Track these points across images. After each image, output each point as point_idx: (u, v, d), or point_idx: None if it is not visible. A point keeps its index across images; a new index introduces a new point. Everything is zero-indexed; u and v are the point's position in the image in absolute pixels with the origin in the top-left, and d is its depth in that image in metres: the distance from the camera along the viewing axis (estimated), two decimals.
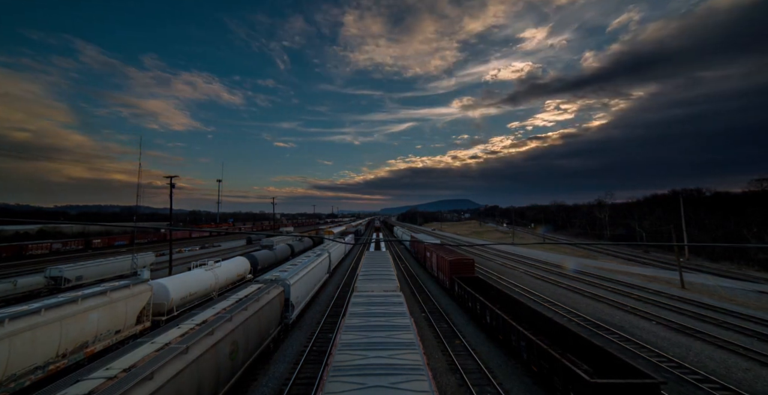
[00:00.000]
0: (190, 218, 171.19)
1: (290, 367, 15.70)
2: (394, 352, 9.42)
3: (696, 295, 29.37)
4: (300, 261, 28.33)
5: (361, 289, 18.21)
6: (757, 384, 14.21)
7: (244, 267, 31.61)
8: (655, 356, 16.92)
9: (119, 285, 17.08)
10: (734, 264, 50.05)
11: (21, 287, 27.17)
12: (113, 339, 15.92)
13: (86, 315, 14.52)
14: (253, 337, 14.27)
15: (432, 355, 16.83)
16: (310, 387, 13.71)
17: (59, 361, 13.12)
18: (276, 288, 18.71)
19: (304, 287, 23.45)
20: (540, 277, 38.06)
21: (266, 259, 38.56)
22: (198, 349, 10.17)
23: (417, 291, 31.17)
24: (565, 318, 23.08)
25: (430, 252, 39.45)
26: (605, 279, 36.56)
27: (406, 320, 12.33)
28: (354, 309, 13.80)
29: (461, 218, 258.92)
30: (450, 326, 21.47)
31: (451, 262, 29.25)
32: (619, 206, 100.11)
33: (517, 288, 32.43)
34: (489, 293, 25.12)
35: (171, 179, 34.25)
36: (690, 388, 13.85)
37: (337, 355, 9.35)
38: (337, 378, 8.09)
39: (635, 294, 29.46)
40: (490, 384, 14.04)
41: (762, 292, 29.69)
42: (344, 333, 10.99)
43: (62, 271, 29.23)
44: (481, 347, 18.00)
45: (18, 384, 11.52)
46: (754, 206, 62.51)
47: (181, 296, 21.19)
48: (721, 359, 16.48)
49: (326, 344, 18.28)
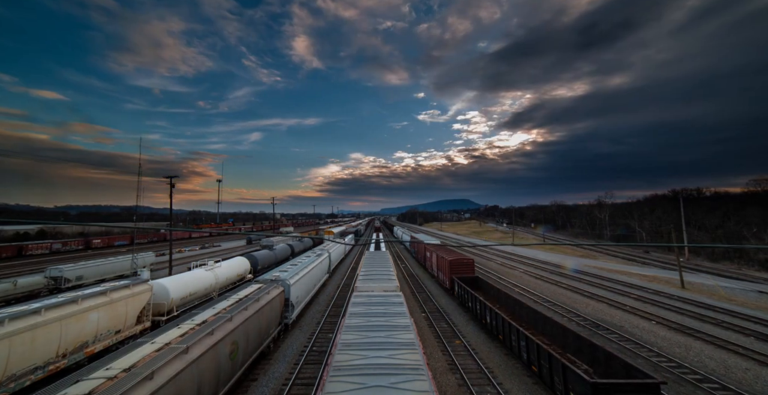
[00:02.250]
0: (190, 218, 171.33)
1: (290, 367, 15.71)
2: (394, 352, 9.43)
3: (696, 295, 29.40)
4: (300, 261, 28.33)
5: (361, 289, 18.22)
6: (756, 383, 14.23)
7: (244, 267, 31.62)
8: (655, 356, 16.94)
9: (119, 285, 17.09)
10: (734, 264, 50.11)
11: (21, 288, 27.19)
12: (113, 339, 15.93)
13: (86, 315, 14.53)
14: (253, 337, 14.27)
15: (432, 355, 16.84)
16: (310, 388, 13.72)
17: (59, 361, 13.13)
18: (276, 288, 18.73)
19: (304, 288, 23.47)
20: (540, 277, 38.07)
21: (266, 259, 38.56)
22: (198, 349, 10.18)
23: (417, 291, 31.18)
24: (565, 317, 23.10)
25: (430, 252, 39.46)
26: (605, 279, 36.58)
27: (406, 320, 12.33)
28: (354, 308, 13.80)
29: (461, 218, 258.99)
30: (450, 326, 21.48)
31: (450, 262, 29.26)
32: (619, 206, 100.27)
33: (517, 288, 32.45)
34: (489, 293, 25.14)
35: (171, 179, 34.25)
36: (690, 388, 13.86)
37: (337, 355, 9.36)
38: (337, 378, 8.10)
39: (635, 294, 29.48)
40: (490, 384, 14.05)
41: (762, 292, 29.70)
42: (344, 333, 11.00)
43: (62, 271, 29.24)
44: (481, 347, 18.01)
45: (18, 384, 11.53)
46: (754, 206, 62.60)
47: (181, 296, 21.19)
48: (720, 359, 16.49)
49: (326, 344, 18.29)
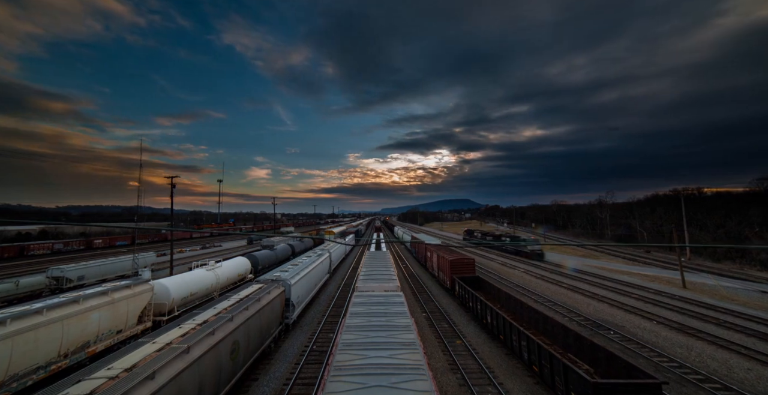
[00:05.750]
0: (191, 219, 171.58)
1: (291, 367, 15.72)
2: (395, 352, 9.43)
3: (697, 295, 29.32)
4: (301, 261, 28.34)
5: (362, 289, 18.21)
6: (759, 384, 14.19)
7: (245, 267, 31.65)
8: (657, 356, 16.91)
9: (120, 285, 17.13)
10: (736, 264, 49.92)
11: (23, 288, 27.29)
12: (115, 339, 15.96)
13: (88, 315, 14.56)
14: (254, 337, 14.29)
15: (433, 355, 16.83)
16: (311, 387, 13.73)
17: (61, 361, 13.16)
18: (277, 288, 18.73)
19: (304, 287, 23.48)
20: (540, 277, 38.02)
21: (267, 259, 38.60)
22: (199, 349, 10.19)
23: (418, 291, 31.16)
24: (566, 317, 23.06)
25: (430, 252, 39.45)
26: (606, 279, 36.51)
27: (407, 320, 12.33)
28: (355, 308, 13.80)
29: (462, 218, 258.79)
30: (451, 326, 21.46)
31: (451, 262, 29.24)
32: (619, 205, 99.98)
33: (518, 288, 32.42)
34: (490, 292, 25.13)
35: (172, 179, 34.31)
36: (692, 388, 13.83)
37: (338, 355, 9.36)
38: (338, 377, 8.11)
39: (636, 294, 29.41)
40: (491, 384, 14.04)
41: (764, 292, 29.60)
42: (345, 333, 11.00)
43: (64, 271, 29.33)
44: (482, 346, 18.00)
45: (20, 383, 11.57)
46: (755, 205, 62.39)
47: (182, 296, 21.22)
48: (722, 359, 16.44)
49: (327, 344, 18.29)
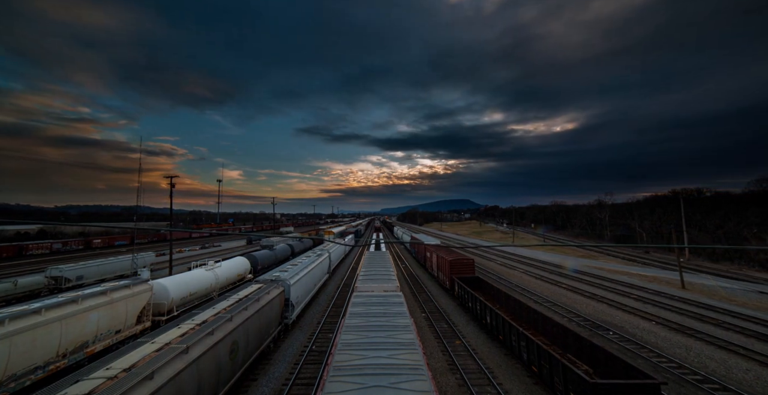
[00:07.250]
0: (191, 218, 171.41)
1: (290, 367, 15.71)
2: (395, 352, 9.43)
3: (696, 295, 29.36)
4: (300, 261, 28.33)
5: (362, 289, 18.21)
6: (757, 384, 14.20)
7: (244, 267, 31.63)
8: (656, 356, 16.92)
9: (119, 285, 17.10)
10: (734, 265, 50.03)
11: (21, 287, 27.22)
12: (113, 339, 15.93)
13: (86, 314, 14.53)
14: (253, 337, 14.28)
15: (432, 355, 16.83)
16: (310, 388, 13.72)
17: (59, 361, 13.13)
18: (276, 288, 18.72)
19: (304, 288, 23.46)
20: (540, 277, 38.04)
21: (266, 259, 38.56)
22: (198, 349, 10.18)
23: (417, 291, 31.16)
24: (565, 318, 23.08)
25: (430, 252, 39.46)
26: (605, 279, 36.53)
27: (407, 320, 12.33)
28: (354, 308, 13.80)
29: (461, 218, 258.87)
30: (450, 326, 21.46)
31: (451, 262, 29.25)
32: (619, 206, 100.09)
33: (518, 288, 32.43)
34: (489, 293, 25.13)
35: (171, 179, 34.28)
36: (690, 389, 13.84)
37: (337, 355, 9.35)
38: (337, 378, 8.10)
39: (635, 294, 29.45)
40: (490, 384, 14.03)
41: (762, 292, 29.66)
42: (344, 333, 11.00)
43: (63, 271, 29.27)
44: (481, 347, 18.00)
45: (19, 383, 11.54)
46: (754, 206, 62.49)
47: (181, 296, 21.20)
48: (721, 359, 16.47)
49: (326, 344, 18.29)
